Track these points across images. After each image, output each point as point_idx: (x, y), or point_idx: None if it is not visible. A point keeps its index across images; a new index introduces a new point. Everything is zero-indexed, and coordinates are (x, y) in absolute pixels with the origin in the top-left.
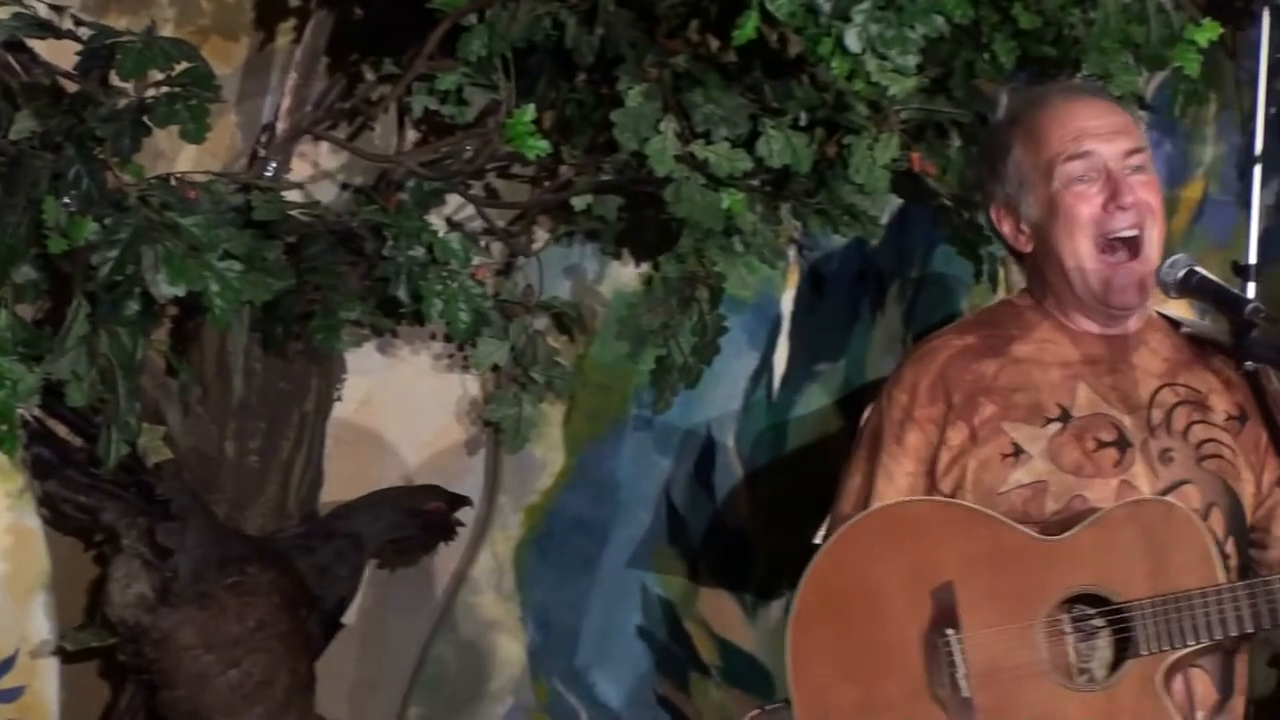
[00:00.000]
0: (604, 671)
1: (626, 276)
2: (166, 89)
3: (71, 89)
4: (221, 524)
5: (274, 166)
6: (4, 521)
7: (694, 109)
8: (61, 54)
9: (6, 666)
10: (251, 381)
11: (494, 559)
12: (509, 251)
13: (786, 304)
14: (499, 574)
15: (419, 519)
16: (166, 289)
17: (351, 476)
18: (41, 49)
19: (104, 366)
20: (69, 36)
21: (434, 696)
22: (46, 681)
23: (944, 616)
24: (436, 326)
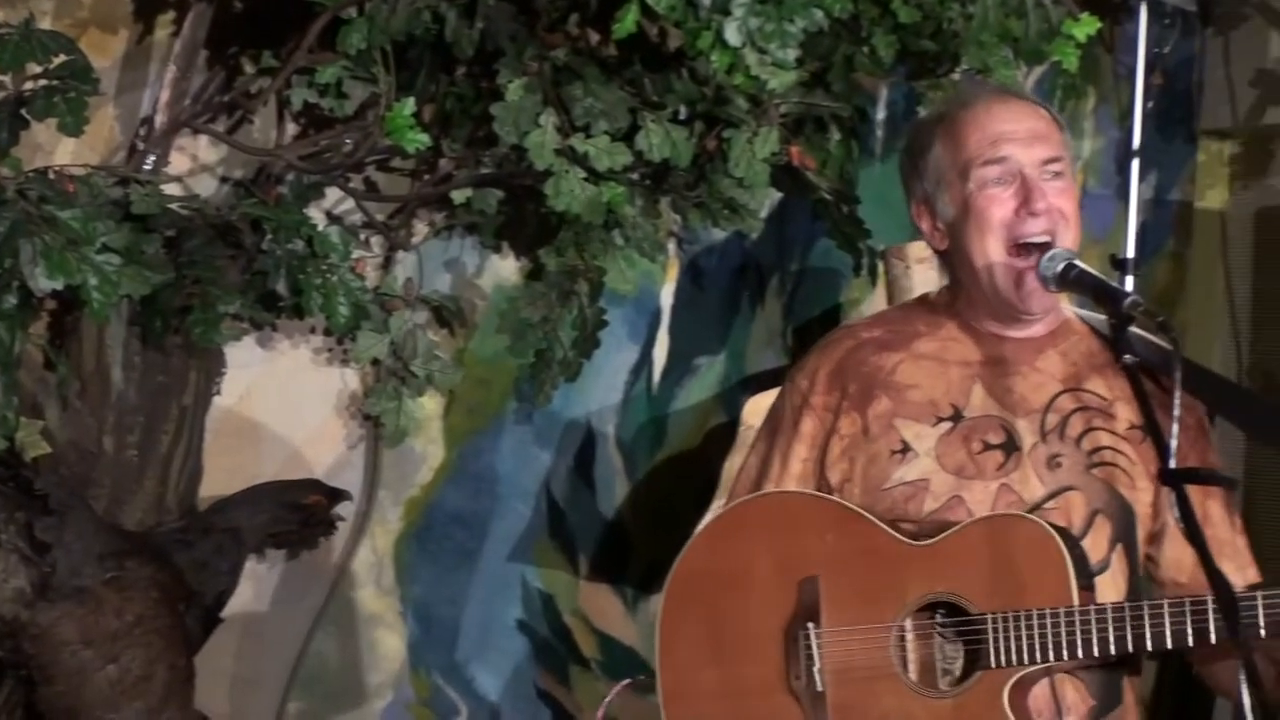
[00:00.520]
0: (484, 665)
1: (506, 270)
2: (44, 82)
3: None
4: (100, 519)
5: (153, 160)
6: None
7: (574, 103)
8: None
9: None
10: (130, 376)
11: (374, 553)
12: (389, 245)
13: (666, 298)
14: (379, 568)
15: (298, 513)
16: (44, 282)
17: (231, 471)
18: None
19: None
20: None
21: (314, 691)
22: None
23: (807, 610)
24: (316, 320)
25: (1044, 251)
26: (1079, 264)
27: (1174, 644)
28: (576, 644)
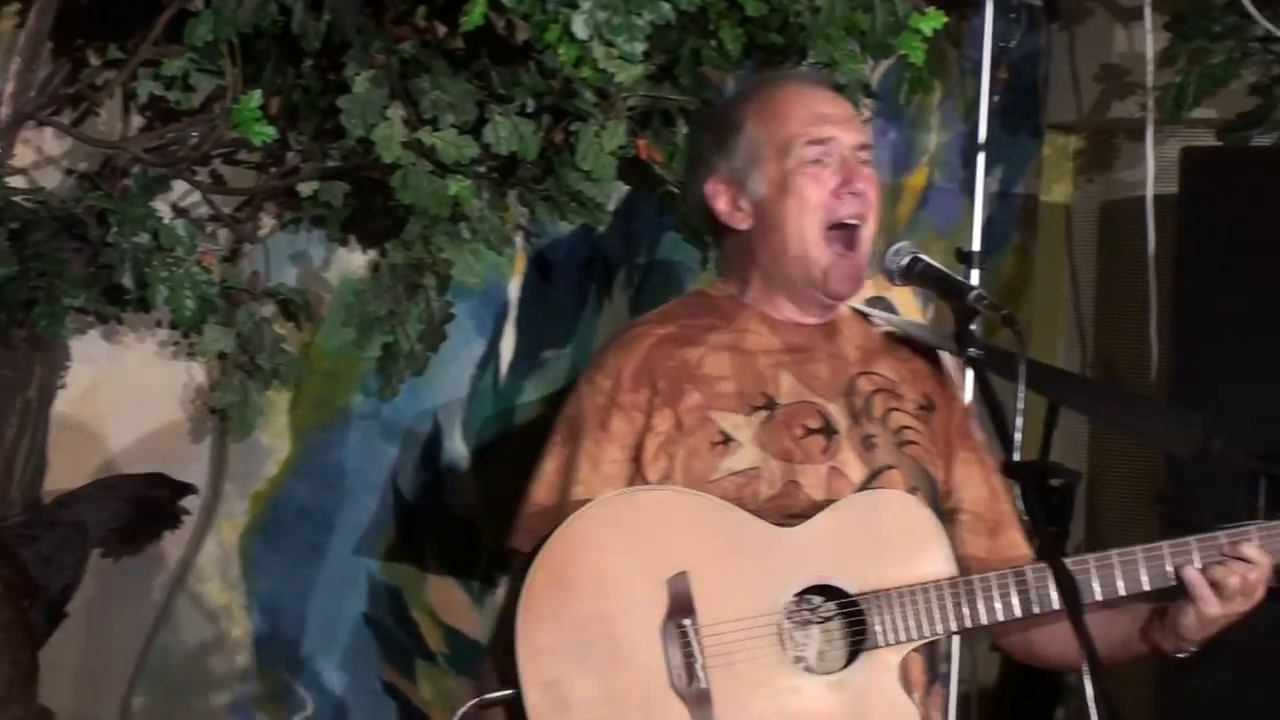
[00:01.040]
0: (330, 660)
1: (353, 263)
2: None
3: None
4: None
5: None
6: None
7: (421, 95)
8: None
9: None
10: None
11: (220, 547)
12: (235, 238)
13: (513, 291)
14: (225, 562)
15: (144, 507)
16: None
17: (75, 464)
18: None
19: None
20: None
21: (159, 685)
22: None
23: (680, 607)
24: (162, 313)
25: (849, 239)
26: (924, 257)
27: (1042, 608)
28: (423, 638)
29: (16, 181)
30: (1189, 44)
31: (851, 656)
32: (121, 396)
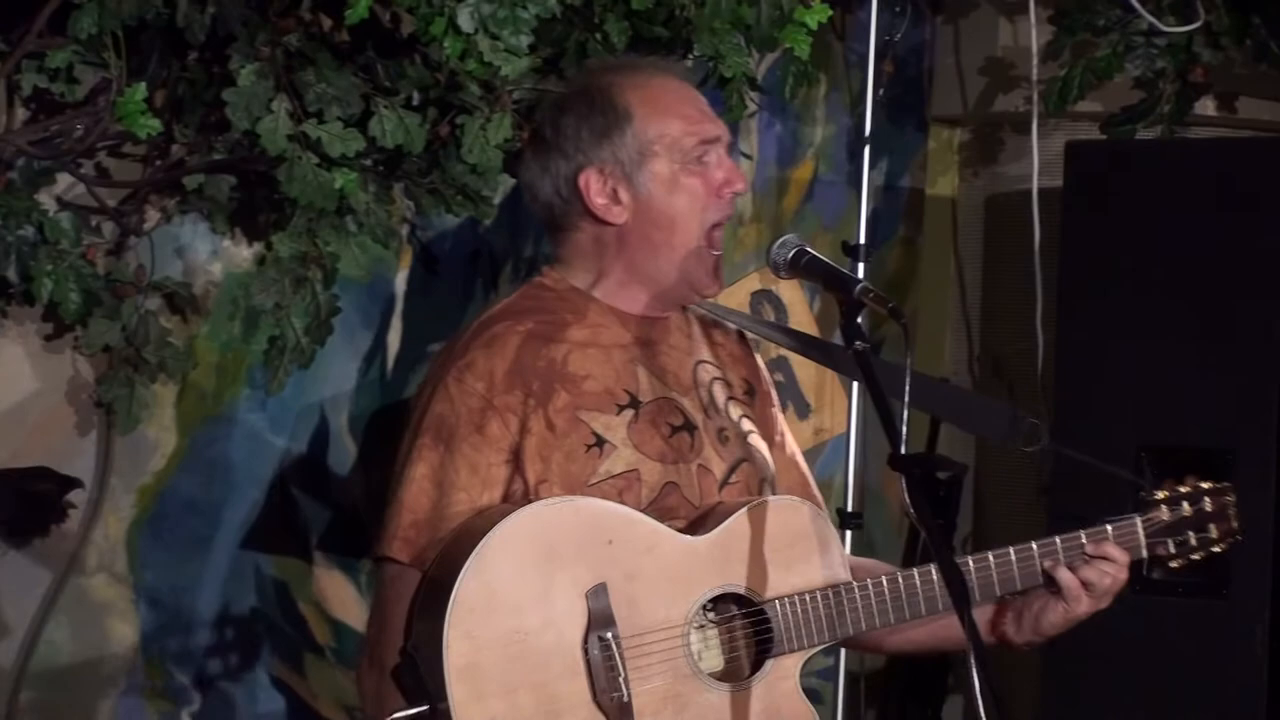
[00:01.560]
0: (218, 653)
1: (239, 256)
2: None
3: None
4: None
5: None
6: None
7: (306, 88)
8: None
9: None
10: None
11: (106, 541)
12: (120, 231)
13: (400, 284)
14: (111, 556)
15: (29, 501)
16: None
17: None
18: None
19: None
20: None
21: (46, 681)
22: None
23: (600, 620)
24: (47, 306)
25: (716, 236)
26: (810, 250)
27: (944, 607)
28: (311, 632)
29: None
30: (1073, 37)
31: (758, 664)
32: (4, 390)
